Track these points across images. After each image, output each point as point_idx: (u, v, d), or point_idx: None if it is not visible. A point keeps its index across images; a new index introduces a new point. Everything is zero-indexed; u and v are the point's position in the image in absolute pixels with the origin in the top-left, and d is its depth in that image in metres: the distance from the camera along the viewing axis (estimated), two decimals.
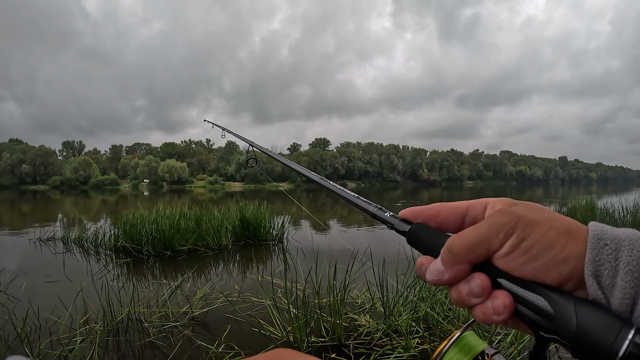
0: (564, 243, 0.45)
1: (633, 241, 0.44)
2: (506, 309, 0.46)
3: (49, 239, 10.44)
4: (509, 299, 0.47)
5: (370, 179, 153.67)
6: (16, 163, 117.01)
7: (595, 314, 0.42)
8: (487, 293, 0.48)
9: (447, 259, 0.51)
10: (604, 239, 0.44)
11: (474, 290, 0.49)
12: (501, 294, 0.47)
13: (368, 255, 5.17)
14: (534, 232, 0.47)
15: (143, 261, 7.89)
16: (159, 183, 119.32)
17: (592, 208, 13.00)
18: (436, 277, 0.52)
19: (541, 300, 0.45)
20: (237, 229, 9.75)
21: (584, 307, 0.43)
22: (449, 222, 0.58)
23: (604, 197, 27.30)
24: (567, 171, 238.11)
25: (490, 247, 0.49)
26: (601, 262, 0.43)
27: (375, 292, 4.79)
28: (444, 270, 0.51)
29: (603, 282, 0.43)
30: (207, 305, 5.01)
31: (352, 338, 3.87)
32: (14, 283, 6.02)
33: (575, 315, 0.42)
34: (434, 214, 0.59)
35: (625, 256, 0.43)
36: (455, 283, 0.51)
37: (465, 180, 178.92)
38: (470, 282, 0.50)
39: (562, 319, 0.43)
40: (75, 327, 4.26)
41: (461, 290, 0.50)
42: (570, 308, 0.43)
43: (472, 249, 0.49)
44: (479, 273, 0.50)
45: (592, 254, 0.44)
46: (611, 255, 0.43)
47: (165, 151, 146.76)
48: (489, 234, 0.49)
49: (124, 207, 25.20)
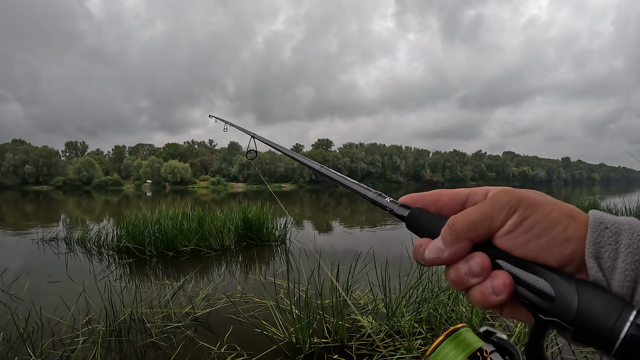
0: (566, 224, 0.46)
1: (633, 226, 0.44)
2: (506, 289, 0.46)
3: (52, 239, 10.47)
4: (508, 278, 0.47)
5: (373, 179, 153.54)
6: (19, 163, 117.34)
7: (597, 295, 0.42)
8: (487, 272, 0.48)
9: (449, 236, 0.51)
10: (604, 222, 0.45)
11: (474, 269, 0.49)
12: (501, 274, 0.47)
13: (371, 256, 5.16)
14: (537, 211, 0.47)
15: (146, 262, 7.90)
16: (161, 184, 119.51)
17: (595, 209, 12.95)
18: (435, 255, 0.52)
19: (542, 281, 0.45)
20: (240, 229, 9.76)
21: (586, 288, 0.43)
22: (449, 207, 0.58)
23: (607, 197, 27.29)
24: (570, 172, 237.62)
25: (493, 225, 0.49)
26: (602, 244, 0.44)
27: (377, 293, 4.78)
28: (444, 248, 0.51)
29: (604, 264, 0.43)
30: (209, 305, 5.01)
31: (355, 339, 3.87)
32: (16, 283, 6.03)
33: (577, 296, 0.42)
34: (434, 199, 0.59)
35: (626, 239, 0.43)
36: (454, 262, 0.51)
37: (468, 181, 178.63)
38: (470, 260, 0.49)
39: (563, 300, 0.43)
40: (77, 327, 4.27)
41: (460, 269, 0.50)
42: (572, 288, 0.43)
43: (474, 226, 0.49)
44: (478, 252, 0.50)
45: (593, 236, 0.44)
46: (612, 238, 0.44)
47: (168, 152, 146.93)
48: (492, 211, 0.49)
49: (126, 207, 25.26)
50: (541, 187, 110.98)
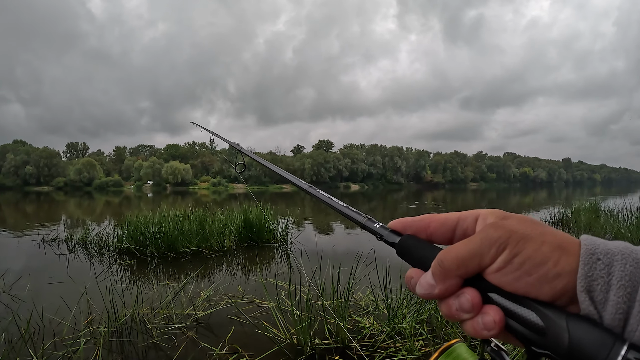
0: (557, 258, 0.45)
1: (626, 255, 0.43)
2: (496, 325, 0.46)
3: (53, 240, 10.47)
4: (499, 314, 0.47)
5: (374, 180, 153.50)
6: (20, 164, 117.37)
7: (587, 330, 0.41)
8: (477, 308, 0.48)
9: (438, 273, 0.51)
10: (596, 253, 0.44)
11: (464, 306, 0.49)
12: (492, 310, 0.47)
13: (372, 257, 5.16)
14: (526, 247, 0.46)
15: (147, 263, 7.91)
16: (162, 185, 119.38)
17: (596, 210, 12.95)
18: (426, 291, 0.52)
19: (533, 315, 0.45)
20: (241, 230, 9.76)
21: (577, 322, 0.42)
22: (439, 234, 0.57)
23: (608, 198, 27.26)
24: (570, 173, 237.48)
25: (482, 262, 0.48)
26: (594, 278, 0.43)
27: (379, 294, 4.78)
28: (435, 284, 0.51)
29: (596, 297, 0.43)
30: (210, 307, 5.02)
31: (356, 340, 3.86)
32: (18, 284, 6.03)
33: (568, 331, 0.42)
34: (424, 225, 0.58)
35: (618, 271, 0.43)
36: (445, 297, 0.51)
37: (468, 182, 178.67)
38: (460, 297, 0.49)
39: (554, 335, 0.43)
40: (79, 328, 4.27)
41: (451, 305, 0.50)
42: (563, 324, 0.43)
43: (463, 264, 0.49)
44: (469, 288, 0.49)
45: (585, 269, 0.43)
46: (604, 270, 0.43)
47: (169, 153, 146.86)
48: (480, 248, 0.48)
49: (127, 208, 25.26)
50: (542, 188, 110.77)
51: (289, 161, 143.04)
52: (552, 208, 16.38)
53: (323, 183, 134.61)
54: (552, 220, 13.77)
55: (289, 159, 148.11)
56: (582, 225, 11.99)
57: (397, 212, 23.99)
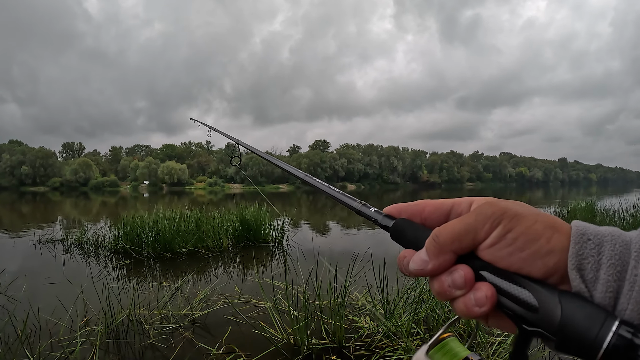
0: (549, 236, 0.46)
1: (615, 237, 0.45)
2: (488, 300, 0.47)
3: (49, 240, 10.43)
4: (491, 290, 0.47)
5: (370, 180, 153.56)
6: (16, 164, 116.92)
7: (580, 306, 0.42)
8: (470, 285, 0.49)
9: (433, 248, 0.51)
10: (586, 234, 0.45)
11: (457, 282, 0.49)
12: (484, 286, 0.48)
13: (368, 257, 5.17)
14: (520, 223, 0.47)
15: (143, 263, 7.89)
16: (158, 185, 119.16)
17: (592, 209, 12.98)
18: (419, 267, 0.52)
19: (525, 292, 0.45)
20: (237, 230, 9.74)
21: (569, 298, 0.43)
22: (434, 218, 0.58)
23: (604, 198, 27.31)
24: (566, 173, 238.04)
25: (476, 237, 0.49)
26: (584, 256, 0.44)
27: (375, 294, 4.78)
28: (428, 260, 0.51)
29: (586, 275, 0.44)
30: (207, 307, 5.01)
31: (353, 340, 3.87)
32: (14, 285, 6.01)
33: (560, 306, 0.43)
34: (418, 210, 0.59)
35: (608, 250, 0.44)
36: (438, 274, 0.51)
37: (465, 181, 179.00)
38: (453, 273, 0.50)
39: (546, 311, 0.43)
40: (75, 329, 4.26)
41: (443, 281, 0.50)
42: (555, 299, 0.43)
43: (458, 239, 0.50)
44: (462, 265, 0.50)
45: (576, 248, 0.44)
46: (594, 250, 0.44)
47: (165, 153, 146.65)
48: (475, 223, 0.49)
49: (123, 208, 25.19)
50: (538, 188, 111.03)
51: (285, 161, 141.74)
52: (549, 208, 16.46)
53: None
54: None
55: (286, 159, 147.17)
56: None
57: None
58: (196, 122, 3.18)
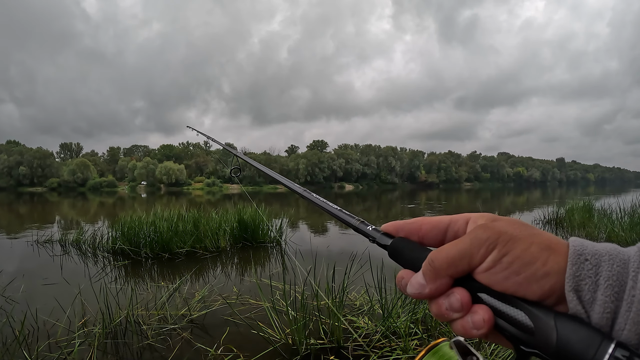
0: (545, 258, 0.46)
1: (613, 256, 0.44)
2: (485, 324, 0.47)
3: (47, 241, 10.41)
4: (488, 313, 0.47)
5: (368, 180, 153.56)
6: (13, 165, 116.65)
7: (575, 328, 0.42)
8: (467, 308, 0.49)
9: (429, 272, 0.52)
10: (584, 254, 0.45)
11: (454, 305, 0.49)
12: (481, 309, 0.48)
13: (366, 257, 5.17)
14: (515, 247, 0.47)
15: (141, 263, 7.88)
16: (156, 185, 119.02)
17: (590, 209, 13.01)
18: (417, 291, 0.53)
19: (521, 314, 0.46)
20: (235, 231, 9.73)
21: (565, 321, 0.43)
22: (431, 236, 0.58)
23: (602, 198, 27.36)
24: (564, 172, 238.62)
25: (472, 262, 0.49)
26: (582, 277, 0.44)
27: (373, 294, 4.79)
28: (425, 284, 0.52)
29: (583, 296, 0.44)
30: (205, 307, 5.01)
31: (351, 340, 3.87)
32: (11, 285, 6.00)
33: (556, 330, 0.43)
34: (415, 228, 0.60)
35: (606, 271, 0.44)
36: (435, 297, 0.52)
37: (462, 182, 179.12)
38: (450, 296, 0.50)
39: (543, 334, 0.44)
40: (73, 329, 4.25)
41: (441, 304, 0.51)
42: (551, 322, 0.43)
43: (453, 264, 0.50)
44: (459, 288, 0.50)
45: (573, 269, 0.44)
46: (591, 270, 0.44)
47: (163, 153, 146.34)
48: (470, 248, 0.49)
49: (121, 209, 25.14)
50: (535, 187, 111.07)
51: (283, 161, 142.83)
52: (546, 208, 16.46)
53: (317, 183, 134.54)
54: (546, 220, 13.83)
55: (283, 159, 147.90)
56: (575, 225, 12.06)
57: (391, 212, 24.00)
58: (194, 130, 3.17)
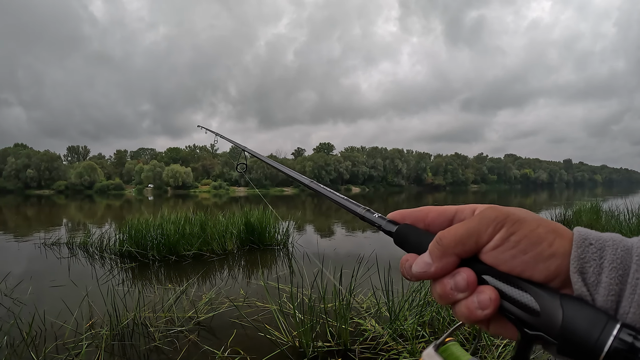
0: (552, 240, 0.47)
1: (617, 242, 0.45)
2: (492, 303, 0.47)
3: (54, 243, 10.47)
4: (495, 293, 0.47)
5: (375, 183, 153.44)
6: (21, 168, 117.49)
7: (581, 309, 0.42)
8: (472, 288, 0.49)
9: (436, 250, 0.51)
10: (588, 238, 0.46)
11: (460, 284, 0.49)
12: (487, 289, 0.48)
13: (373, 259, 5.16)
14: (522, 227, 0.48)
15: (148, 266, 7.91)
16: (163, 188, 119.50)
17: (598, 211, 12.93)
18: (422, 270, 0.52)
19: (527, 296, 0.46)
20: (242, 233, 9.74)
21: (570, 302, 0.43)
22: (437, 224, 0.58)
23: (609, 199, 27.23)
24: (571, 174, 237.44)
25: (479, 240, 0.49)
26: (586, 260, 0.44)
27: (380, 296, 4.78)
28: (431, 262, 0.52)
29: (588, 279, 0.44)
30: (212, 310, 5.01)
31: (358, 343, 3.86)
32: (19, 287, 6.03)
33: (562, 310, 0.43)
34: (422, 215, 0.60)
35: (610, 254, 0.44)
36: (440, 277, 0.52)
37: (469, 184, 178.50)
38: (456, 276, 0.50)
39: (548, 315, 0.44)
40: (80, 331, 4.27)
41: (446, 284, 0.50)
42: (557, 303, 0.43)
43: (461, 241, 0.50)
44: (464, 268, 0.50)
45: (578, 252, 0.45)
46: (596, 254, 0.44)
47: (170, 156, 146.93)
48: (478, 226, 0.50)
49: (128, 212, 25.28)
50: (543, 189, 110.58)
51: (289, 164, 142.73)
52: (554, 209, 16.40)
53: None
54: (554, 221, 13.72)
55: (290, 162, 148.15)
56: (583, 226, 11.95)
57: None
58: (203, 129, 3.19)
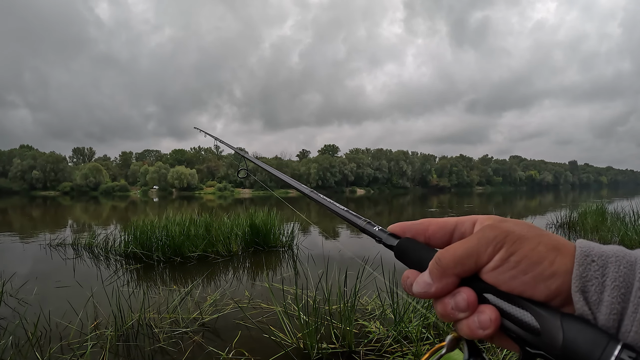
0: (553, 258, 0.46)
1: (620, 257, 0.44)
2: (492, 324, 0.47)
3: (59, 244, 10.51)
4: (495, 313, 0.47)
5: (380, 185, 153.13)
6: (27, 169, 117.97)
7: (581, 330, 0.42)
8: (473, 307, 0.49)
9: (435, 271, 0.51)
10: (590, 255, 0.45)
11: (460, 305, 0.49)
12: (488, 308, 0.48)
13: (378, 261, 5.15)
14: (522, 246, 0.47)
15: (153, 267, 7.92)
16: (168, 189, 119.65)
17: (603, 212, 12.87)
18: (423, 290, 0.52)
19: (527, 315, 0.45)
20: (247, 235, 9.74)
21: (571, 322, 0.43)
22: (437, 237, 0.58)
23: (615, 201, 27.09)
24: (577, 175, 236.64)
25: (479, 261, 0.49)
26: (588, 278, 0.44)
27: (385, 298, 4.77)
28: (432, 282, 0.51)
29: (590, 297, 0.43)
30: (217, 311, 5.02)
31: (363, 344, 3.86)
32: (24, 288, 6.06)
33: (562, 331, 0.42)
34: (422, 229, 0.59)
35: (612, 272, 0.43)
36: (441, 297, 0.51)
37: (474, 185, 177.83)
38: (456, 296, 0.50)
39: (549, 334, 0.43)
40: (85, 332, 4.28)
41: (447, 304, 0.50)
42: (557, 323, 0.43)
43: (460, 262, 0.50)
44: (465, 287, 0.50)
45: (580, 270, 0.44)
46: (598, 272, 0.44)
47: (175, 158, 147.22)
48: (477, 247, 0.49)
49: (133, 213, 25.35)
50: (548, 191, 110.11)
51: (294, 166, 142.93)
52: (559, 211, 16.31)
53: (329, 188, 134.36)
54: (559, 224, 13.70)
55: (295, 164, 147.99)
56: (588, 228, 11.94)
57: (403, 216, 23.93)
58: (201, 132, 3.17)
